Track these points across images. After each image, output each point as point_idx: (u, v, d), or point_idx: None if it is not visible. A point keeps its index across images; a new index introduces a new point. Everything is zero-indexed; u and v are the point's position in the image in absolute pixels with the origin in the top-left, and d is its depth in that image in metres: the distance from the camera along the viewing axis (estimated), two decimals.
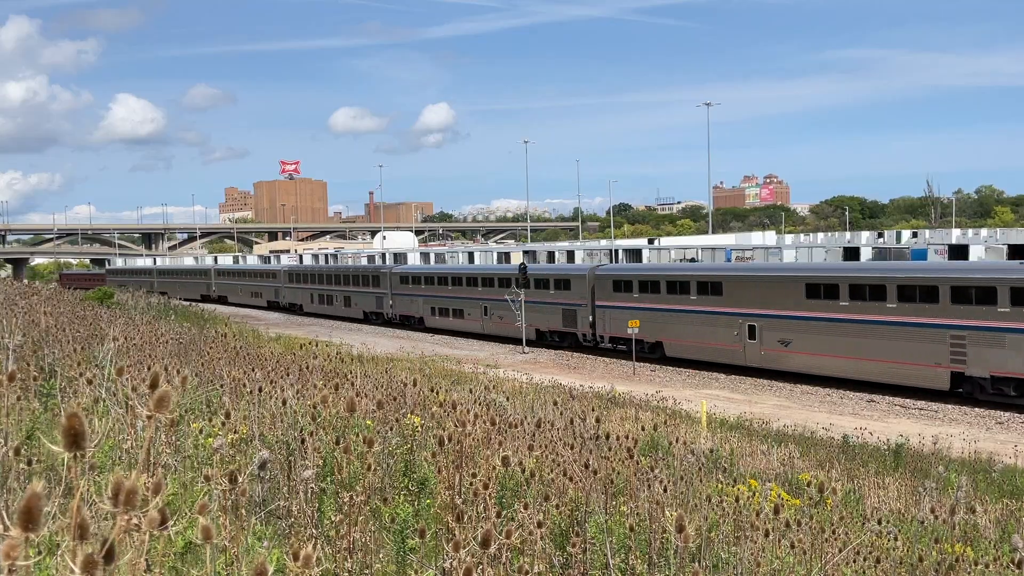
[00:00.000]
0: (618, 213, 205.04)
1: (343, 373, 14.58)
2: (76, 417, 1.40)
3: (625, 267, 49.69)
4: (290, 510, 5.34)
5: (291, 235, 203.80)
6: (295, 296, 75.40)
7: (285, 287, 77.71)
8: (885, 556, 6.60)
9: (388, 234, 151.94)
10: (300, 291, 74.63)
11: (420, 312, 56.98)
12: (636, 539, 5.51)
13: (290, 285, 76.47)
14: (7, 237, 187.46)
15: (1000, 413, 26.55)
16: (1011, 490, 15.84)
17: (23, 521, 1.30)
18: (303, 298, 73.89)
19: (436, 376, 26.47)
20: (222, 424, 6.23)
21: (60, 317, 16.03)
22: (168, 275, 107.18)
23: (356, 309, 65.01)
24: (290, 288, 76.33)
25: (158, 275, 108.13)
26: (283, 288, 78.03)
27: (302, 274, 76.24)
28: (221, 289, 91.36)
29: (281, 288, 78.67)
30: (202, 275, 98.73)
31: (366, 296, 63.56)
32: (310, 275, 74.54)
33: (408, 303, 58.67)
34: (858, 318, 28.96)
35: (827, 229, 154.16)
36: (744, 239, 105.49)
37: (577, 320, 42.33)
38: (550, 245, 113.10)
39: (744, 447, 18.89)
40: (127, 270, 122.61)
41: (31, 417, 6.41)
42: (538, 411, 16.98)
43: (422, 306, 56.75)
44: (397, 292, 59.37)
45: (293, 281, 76.31)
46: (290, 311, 75.16)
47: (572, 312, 43.87)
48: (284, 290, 77.70)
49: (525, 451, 7.05)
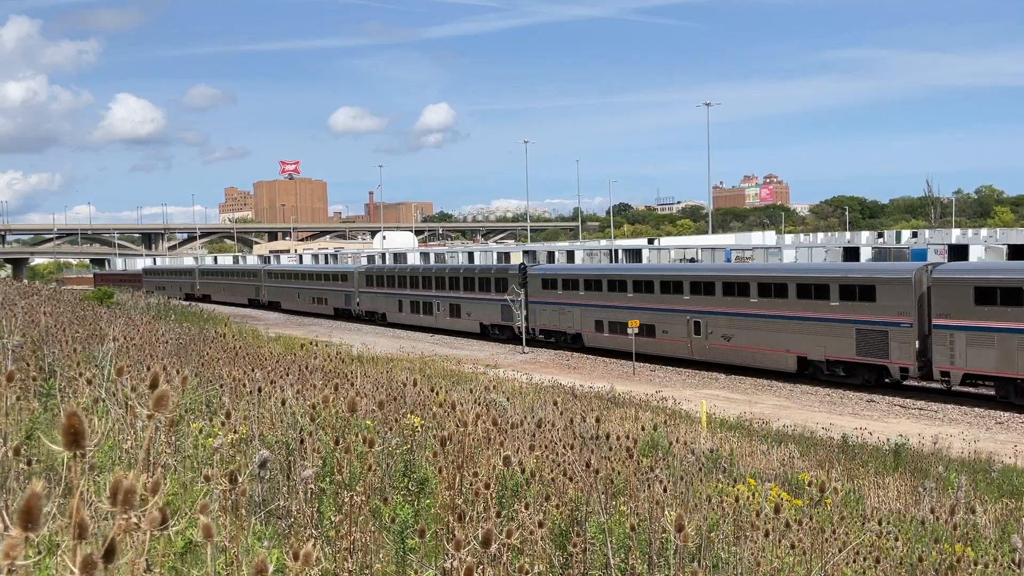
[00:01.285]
0: (618, 213, 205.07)
1: (343, 373, 14.58)
2: (76, 416, 1.40)
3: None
4: (290, 510, 5.34)
5: (291, 235, 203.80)
6: (376, 303, 62.32)
7: (363, 292, 64.47)
8: (885, 556, 6.60)
9: (388, 234, 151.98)
10: (384, 297, 61.59)
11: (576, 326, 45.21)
12: (636, 539, 5.51)
13: (370, 290, 63.33)
14: (7, 237, 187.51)
15: (1000, 413, 26.55)
16: (1011, 490, 15.84)
17: (23, 521, 1.30)
18: (388, 305, 60.93)
19: (436, 376, 26.47)
20: (222, 424, 6.23)
21: (60, 317, 16.02)
22: (212, 276, 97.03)
23: (471, 321, 51.98)
24: (370, 293, 63.24)
25: (200, 275, 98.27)
26: (359, 293, 64.73)
27: (387, 276, 62.16)
28: (274, 294, 79.61)
29: (356, 293, 65.16)
30: (250, 276, 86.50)
31: (483, 305, 50.58)
32: (399, 278, 60.29)
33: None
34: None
35: (827, 229, 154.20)
36: (744, 239, 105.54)
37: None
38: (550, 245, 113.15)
39: (744, 447, 18.89)
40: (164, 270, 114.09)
41: (31, 417, 6.40)
42: (538, 411, 16.98)
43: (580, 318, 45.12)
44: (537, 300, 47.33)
45: (373, 285, 63.09)
46: (368, 321, 62.83)
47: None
48: (361, 296, 64.32)
49: (526, 451, 7.05)
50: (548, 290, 45.81)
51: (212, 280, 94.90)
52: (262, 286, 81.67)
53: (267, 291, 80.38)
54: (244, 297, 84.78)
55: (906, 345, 29.32)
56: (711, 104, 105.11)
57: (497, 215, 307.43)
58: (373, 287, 62.93)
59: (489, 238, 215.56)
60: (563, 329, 45.00)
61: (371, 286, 63.20)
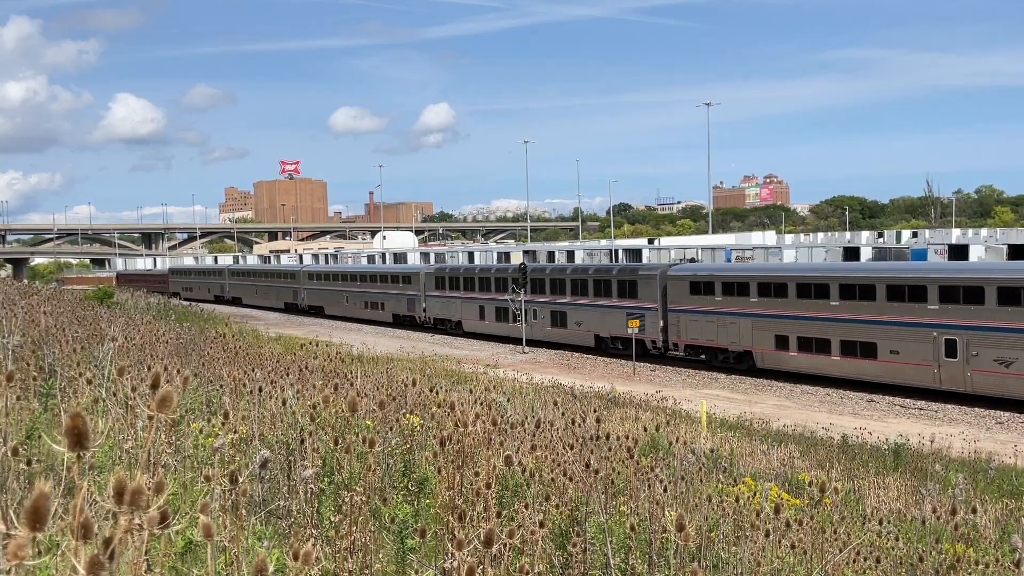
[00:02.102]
0: (618, 213, 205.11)
1: (343, 373, 14.59)
2: (80, 417, 1.40)
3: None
4: (290, 510, 5.35)
5: (291, 235, 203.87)
6: (450, 309, 53.55)
7: (431, 297, 55.42)
8: (885, 556, 6.61)
9: (388, 234, 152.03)
10: (460, 303, 52.58)
11: None
12: (636, 539, 5.51)
13: (441, 294, 54.37)
14: (7, 237, 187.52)
15: (1000, 413, 26.55)
16: (1011, 490, 15.85)
17: (31, 521, 1.30)
18: (465, 311, 52.12)
19: (436, 376, 26.47)
20: (222, 424, 6.24)
21: (60, 317, 16.03)
22: (243, 277, 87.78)
23: (581, 332, 43.74)
24: (441, 298, 54.28)
25: (230, 276, 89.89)
26: (427, 298, 55.93)
27: (464, 278, 52.93)
28: (316, 297, 71.08)
29: (422, 297, 56.54)
30: (287, 278, 77.23)
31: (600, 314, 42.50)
32: (480, 279, 51.30)
33: None
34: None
35: (827, 229, 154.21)
36: (744, 239, 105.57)
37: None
38: (550, 245, 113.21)
39: (744, 447, 18.90)
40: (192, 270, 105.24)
41: (31, 417, 6.41)
42: (538, 411, 16.98)
43: None
44: None
45: (446, 288, 53.94)
46: (438, 330, 54.38)
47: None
48: (429, 300, 55.75)
49: (526, 451, 7.06)
50: (697, 295, 37.00)
51: (243, 281, 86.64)
52: (301, 288, 73.34)
53: (307, 294, 72.07)
54: (280, 300, 76.72)
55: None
56: (711, 104, 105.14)
57: (497, 215, 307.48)
58: (445, 290, 53.85)
59: (489, 238, 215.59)
60: (722, 344, 35.80)
61: (443, 289, 54.08)
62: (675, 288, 38.41)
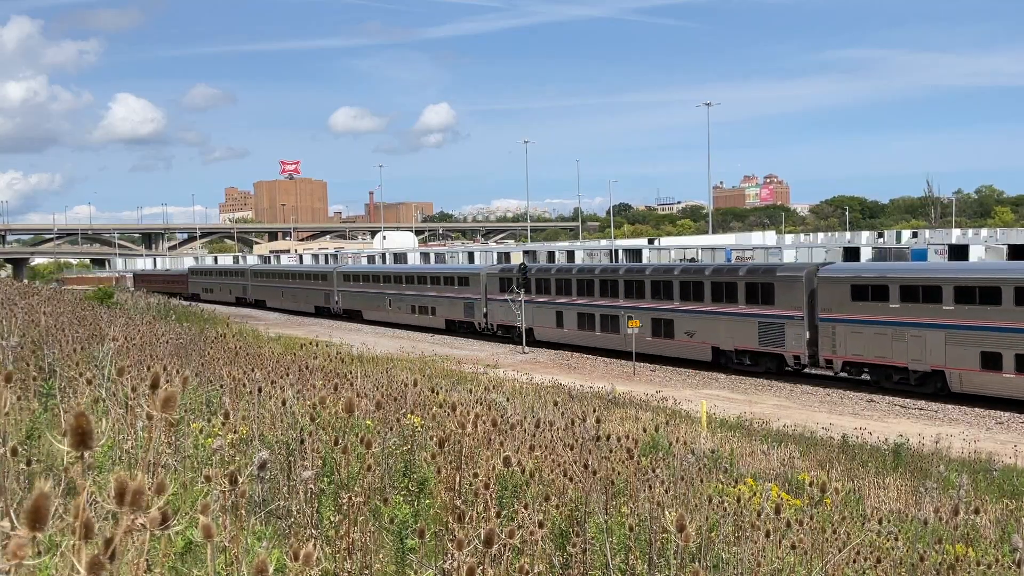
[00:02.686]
0: (618, 213, 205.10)
1: (343, 373, 14.59)
2: (84, 417, 1.40)
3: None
4: (290, 510, 5.35)
5: (291, 235, 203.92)
6: (548, 317, 44.85)
7: (494, 300, 48.49)
8: (885, 556, 6.61)
9: (388, 234, 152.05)
10: (535, 307, 44.96)
11: None
12: (636, 539, 5.52)
13: (506, 297, 46.67)
14: (7, 237, 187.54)
15: (1000, 413, 26.55)
16: (1011, 490, 15.85)
17: (31, 521, 1.30)
18: (540, 318, 45.07)
19: (436, 376, 26.47)
20: (222, 424, 6.24)
21: (60, 317, 16.03)
22: (268, 278, 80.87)
23: (696, 346, 36.77)
24: (546, 305, 45.13)
25: (253, 277, 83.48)
26: (491, 303, 48.98)
27: (540, 279, 45.73)
28: (352, 300, 64.59)
29: (483, 302, 49.57)
30: (319, 279, 70.46)
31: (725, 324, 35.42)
32: (560, 281, 44.65)
33: None
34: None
35: (827, 229, 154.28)
36: (744, 239, 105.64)
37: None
38: (550, 245, 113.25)
39: (744, 447, 18.91)
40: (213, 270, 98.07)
41: (31, 417, 6.41)
42: (538, 411, 16.98)
43: None
44: None
45: (547, 292, 45.15)
46: (500, 339, 48.27)
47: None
48: (494, 306, 48.54)
49: (526, 451, 7.06)
50: (862, 301, 30.36)
51: (268, 283, 79.76)
52: (335, 291, 66.96)
53: (342, 297, 66.04)
54: (310, 304, 70.63)
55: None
56: (711, 104, 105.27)
57: (497, 215, 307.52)
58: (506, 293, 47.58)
59: (489, 238, 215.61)
60: (898, 362, 29.60)
61: (506, 292, 47.42)
62: (830, 292, 31.46)
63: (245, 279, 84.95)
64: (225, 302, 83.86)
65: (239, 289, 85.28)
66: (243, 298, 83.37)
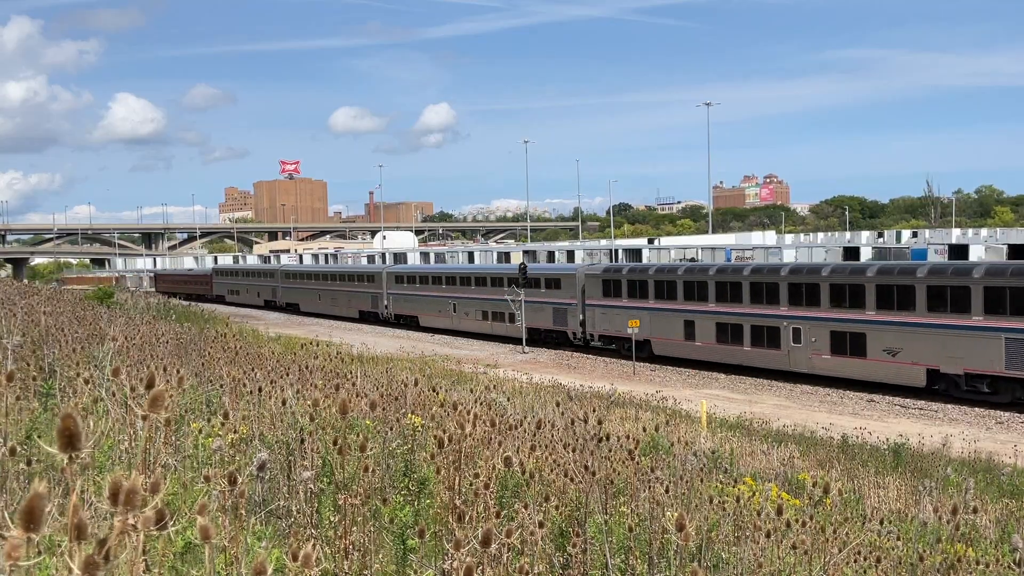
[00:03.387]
0: (618, 213, 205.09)
1: (343, 373, 14.58)
2: (71, 419, 1.39)
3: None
4: (290, 510, 5.34)
5: (291, 235, 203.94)
6: (616, 321, 40.25)
7: (594, 305, 42.21)
8: (886, 556, 6.60)
9: (388, 234, 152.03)
10: (648, 315, 38.41)
11: None
12: (636, 539, 5.51)
13: (608, 302, 41.06)
14: (7, 237, 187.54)
15: (1000, 413, 26.55)
16: (1011, 490, 15.84)
17: (25, 522, 1.29)
18: (657, 327, 38.39)
19: (436, 376, 26.46)
20: (221, 424, 6.23)
21: (60, 317, 16.02)
22: (302, 280, 73.13)
23: (902, 368, 29.58)
24: (609, 308, 40.93)
25: (283, 279, 75.88)
26: (590, 309, 42.78)
27: (647, 281, 39.36)
28: (404, 305, 58.80)
29: (578, 306, 43.79)
30: (365, 281, 63.80)
31: (951, 338, 27.87)
32: (670, 284, 38.04)
33: None
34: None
35: (827, 229, 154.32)
36: (744, 239, 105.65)
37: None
38: (550, 245, 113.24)
39: (744, 447, 18.90)
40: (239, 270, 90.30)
41: (30, 417, 6.40)
42: (538, 411, 16.98)
43: None
44: None
45: (611, 294, 41.04)
46: (609, 352, 41.92)
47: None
48: (592, 311, 42.58)
49: (526, 452, 7.05)
50: None
51: (302, 285, 72.32)
52: (383, 294, 60.98)
53: (393, 301, 59.99)
54: (353, 308, 64.13)
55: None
56: (711, 104, 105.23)
57: (497, 215, 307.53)
58: (612, 297, 40.84)
59: (489, 238, 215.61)
60: None
61: (611, 296, 40.97)
62: None
63: (275, 280, 77.67)
64: (253, 305, 78.65)
65: (268, 292, 78.53)
66: (272, 301, 77.20)
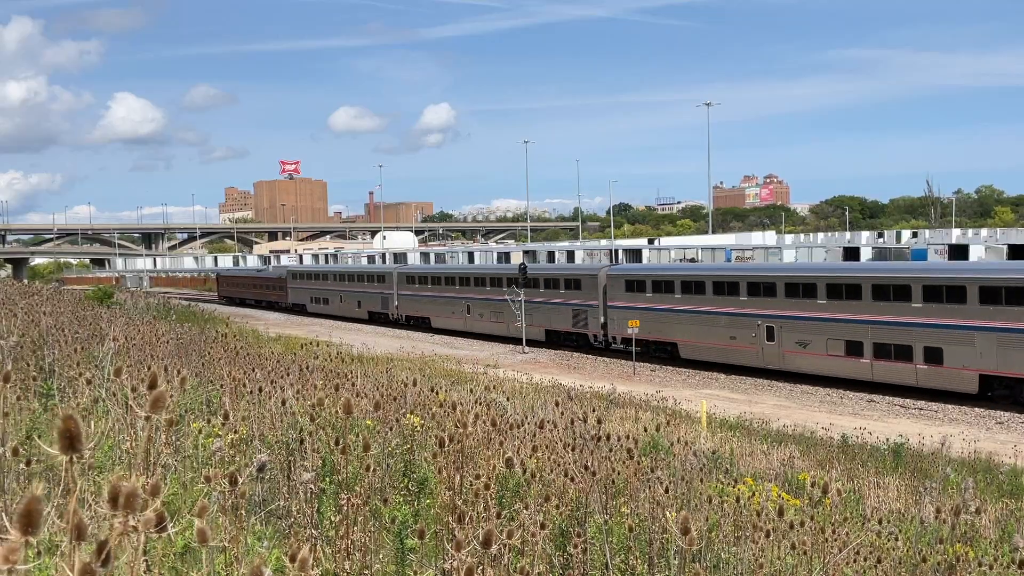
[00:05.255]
0: (618, 213, 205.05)
1: (343, 373, 14.58)
2: (71, 419, 1.39)
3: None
4: (290, 510, 5.34)
5: (291, 235, 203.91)
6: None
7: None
8: (886, 556, 6.60)
9: (388, 234, 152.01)
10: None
11: None
12: (636, 539, 5.50)
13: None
14: (7, 237, 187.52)
15: (1000, 413, 26.54)
16: (1011, 490, 15.84)
17: (23, 524, 1.29)
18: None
19: (436, 376, 26.45)
20: (221, 424, 6.23)
21: (60, 317, 16.02)
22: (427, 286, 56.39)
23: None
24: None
25: (403, 283, 58.86)
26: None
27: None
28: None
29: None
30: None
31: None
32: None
33: None
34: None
35: (827, 229, 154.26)
36: (744, 239, 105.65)
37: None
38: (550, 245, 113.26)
39: (744, 447, 18.89)
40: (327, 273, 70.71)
41: (30, 417, 6.40)
42: (538, 411, 16.97)
43: None
44: None
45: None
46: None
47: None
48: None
49: (527, 452, 7.05)
50: None
51: (428, 292, 56.06)
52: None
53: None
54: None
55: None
56: (711, 104, 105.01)
57: (497, 215, 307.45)
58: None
59: (489, 238, 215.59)
60: None
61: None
62: None
63: (389, 287, 61.91)
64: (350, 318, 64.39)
65: (377, 301, 62.91)
66: (383, 313, 62.71)
